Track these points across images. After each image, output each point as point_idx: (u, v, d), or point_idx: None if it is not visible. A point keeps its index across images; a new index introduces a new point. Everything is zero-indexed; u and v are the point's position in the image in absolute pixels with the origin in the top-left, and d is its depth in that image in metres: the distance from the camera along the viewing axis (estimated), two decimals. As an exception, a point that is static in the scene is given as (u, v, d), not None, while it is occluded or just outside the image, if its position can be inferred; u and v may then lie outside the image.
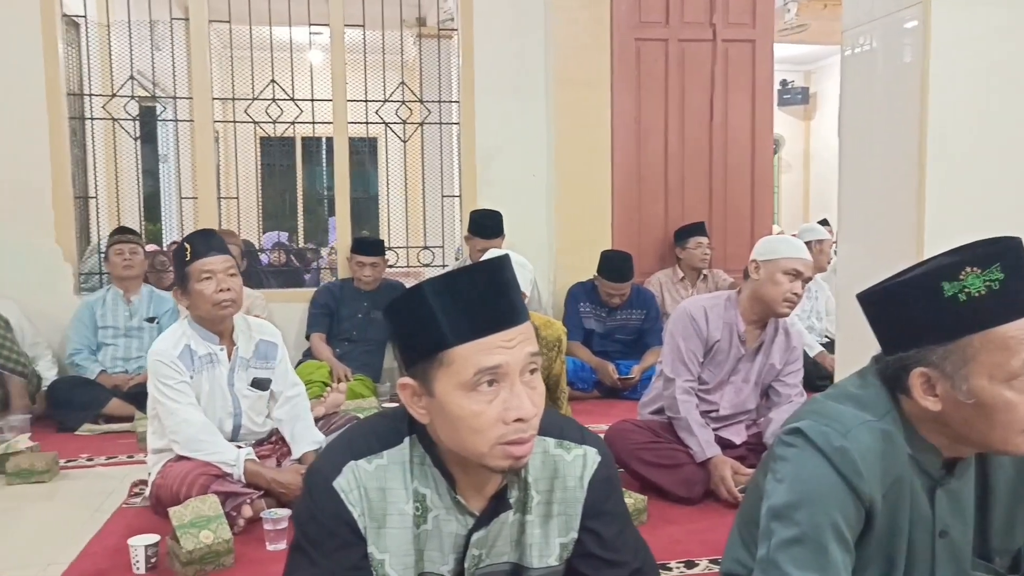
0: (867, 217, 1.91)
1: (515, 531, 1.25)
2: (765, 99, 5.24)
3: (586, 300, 4.60)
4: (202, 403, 2.68)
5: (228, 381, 2.74)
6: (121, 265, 4.19)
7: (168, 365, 2.62)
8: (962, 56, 1.72)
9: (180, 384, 2.63)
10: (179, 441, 2.61)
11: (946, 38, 1.72)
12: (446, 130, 5.19)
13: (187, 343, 2.69)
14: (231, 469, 2.58)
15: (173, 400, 2.61)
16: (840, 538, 1.21)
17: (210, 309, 2.66)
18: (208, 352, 2.72)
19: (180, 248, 2.76)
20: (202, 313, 2.69)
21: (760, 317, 2.87)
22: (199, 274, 2.65)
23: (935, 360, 1.17)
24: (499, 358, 1.09)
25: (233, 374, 2.76)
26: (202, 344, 2.72)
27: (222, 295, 2.65)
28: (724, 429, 2.94)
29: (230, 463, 2.58)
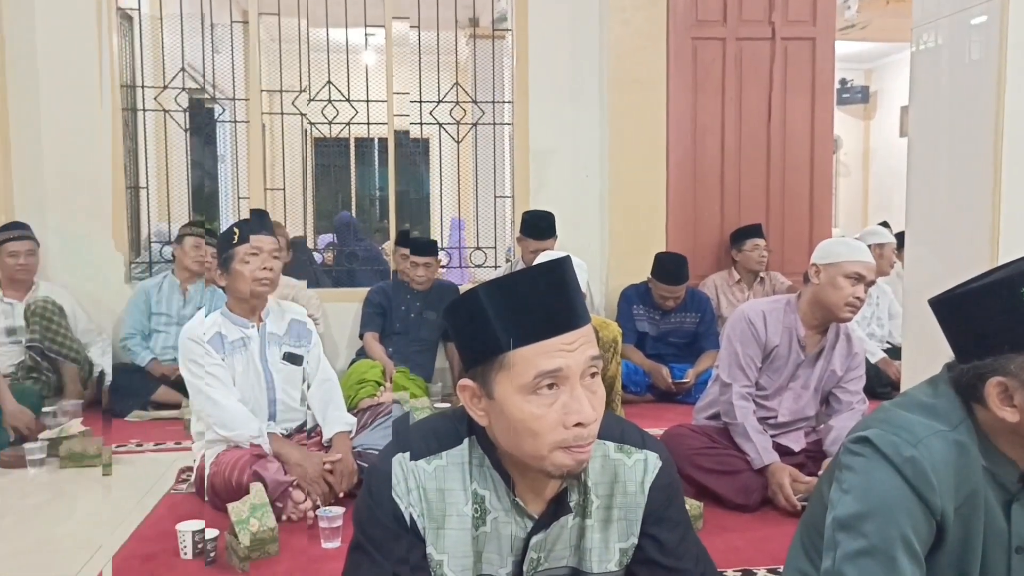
0: (936, 220, 1.85)
1: (574, 535, 1.24)
2: (825, 98, 5.12)
3: (639, 302, 4.55)
4: (237, 384, 2.76)
5: (261, 356, 2.82)
6: (195, 257, 4.29)
7: (196, 342, 2.72)
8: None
9: (212, 367, 2.71)
10: (206, 420, 2.70)
11: (1021, 37, 1.66)
12: (499, 131, 5.19)
13: (218, 330, 2.77)
14: (258, 440, 2.66)
15: (201, 378, 2.70)
16: (910, 551, 1.18)
17: (249, 285, 2.74)
18: (240, 336, 2.80)
19: (228, 232, 2.84)
20: (239, 293, 2.77)
21: (821, 322, 2.80)
22: (246, 253, 2.74)
23: (1013, 369, 1.13)
24: (560, 361, 1.08)
25: (266, 349, 2.83)
26: (233, 329, 2.80)
27: (264, 273, 2.74)
28: (782, 436, 2.88)
29: (255, 435, 2.66)
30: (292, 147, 5.28)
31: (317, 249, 6.10)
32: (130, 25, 4.93)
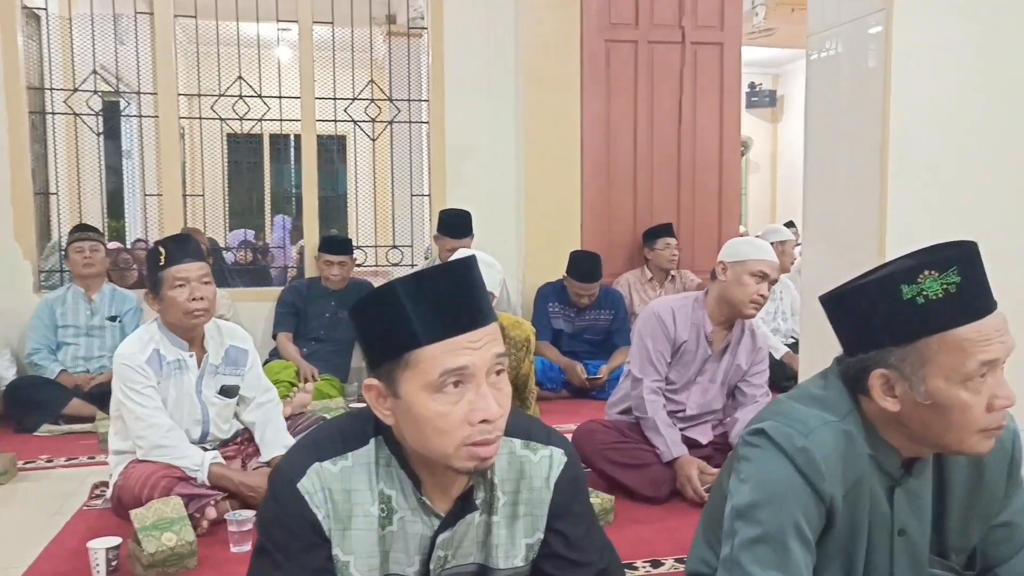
0: (831, 220, 1.94)
1: (481, 532, 1.25)
2: (733, 102, 5.29)
3: (555, 300, 4.61)
4: (168, 409, 2.64)
5: (196, 388, 2.70)
6: (81, 263, 4.12)
7: (135, 369, 2.58)
8: (924, 64, 1.75)
9: (147, 388, 2.58)
10: (143, 446, 2.57)
11: (908, 46, 1.75)
12: (416, 129, 5.17)
13: (156, 348, 2.65)
14: (195, 473, 2.54)
15: (139, 404, 2.57)
16: (802, 537, 1.23)
17: (182, 317, 2.62)
18: (177, 358, 2.68)
19: (155, 252, 2.70)
20: (173, 320, 2.65)
21: (727, 318, 2.89)
22: (172, 280, 2.60)
23: (894, 362, 1.19)
24: (465, 359, 1.09)
25: (201, 381, 2.71)
26: (171, 350, 2.67)
27: (195, 304, 2.61)
28: (691, 429, 2.97)
29: (195, 467, 2.55)
30: (211, 150, 5.13)
31: (229, 248, 5.94)
32: (37, 25, 4.69)
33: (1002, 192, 1.77)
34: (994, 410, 1.18)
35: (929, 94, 1.76)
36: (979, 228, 1.66)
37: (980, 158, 1.78)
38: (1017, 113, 1.78)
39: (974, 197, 1.76)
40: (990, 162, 1.77)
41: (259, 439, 2.80)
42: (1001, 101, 1.77)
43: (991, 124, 1.77)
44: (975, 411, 1.17)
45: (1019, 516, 1.35)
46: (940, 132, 1.78)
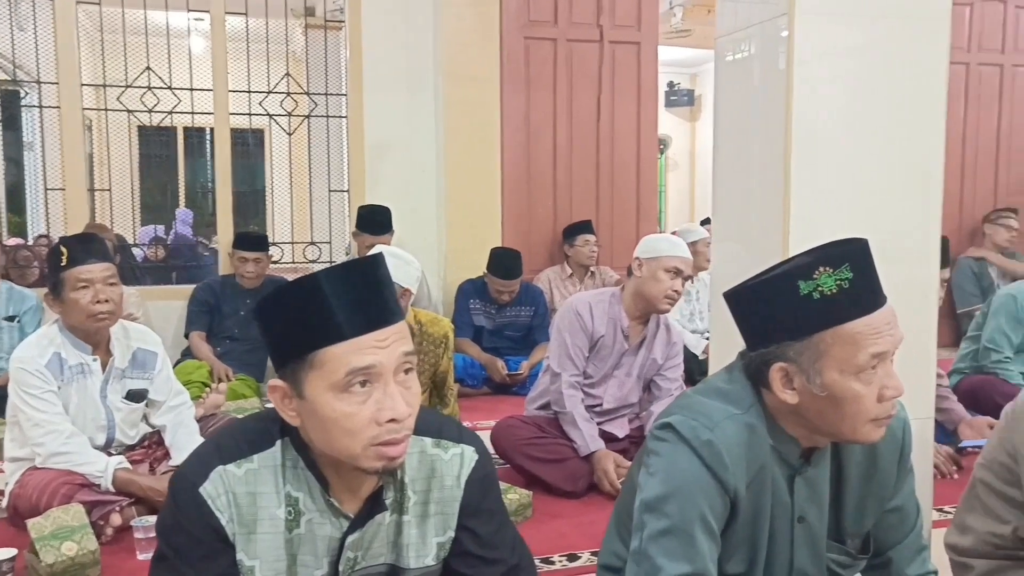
0: (739, 217, 1.99)
1: (391, 532, 1.24)
2: (649, 101, 5.38)
3: (476, 297, 4.61)
4: (70, 415, 2.52)
5: (101, 393, 2.59)
6: None
7: (32, 374, 2.46)
8: (823, 68, 1.81)
9: (46, 394, 2.46)
10: (41, 453, 2.45)
11: (809, 51, 1.81)
12: (334, 124, 5.09)
13: (56, 351, 2.52)
14: (99, 479, 2.45)
15: (37, 410, 2.45)
16: (707, 528, 1.26)
17: (85, 320, 2.50)
18: (80, 362, 2.56)
19: (55, 251, 2.56)
20: (75, 323, 2.53)
21: (643, 313, 2.95)
22: (75, 282, 2.48)
23: (792, 355, 1.23)
24: (372, 358, 1.08)
25: (107, 385, 2.61)
26: (73, 353, 2.55)
27: (99, 307, 2.49)
28: (608, 423, 3.01)
29: (98, 473, 2.45)
30: (120, 143, 4.94)
31: (138, 244, 5.74)
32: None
33: (895, 192, 1.85)
34: (884, 400, 1.23)
35: (828, 98, 1.82)
36: (873, 225, 1.74)
37: (876, 159, 1.86)
38: (910, 117, 1.86)
39: (870, 196, 1.83)
40: (885, 163, 1.85)
41: (170, 443, 2.71)
42: (895, 105, 1.85)
43: (886, 127, 1.85)
44: (867, 401, 1.22)
45: (909, 501, 1.42)
46: (839, 134, 1.84)
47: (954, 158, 5.62)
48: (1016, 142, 5.88)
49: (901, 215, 1.84)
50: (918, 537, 1.44)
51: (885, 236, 1.79)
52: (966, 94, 5.66)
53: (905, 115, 1.86)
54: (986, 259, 5.53)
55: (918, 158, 1.87)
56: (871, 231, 1.48)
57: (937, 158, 1.89)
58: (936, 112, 1.88)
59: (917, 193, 1.87)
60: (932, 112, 1.87)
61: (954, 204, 5.70)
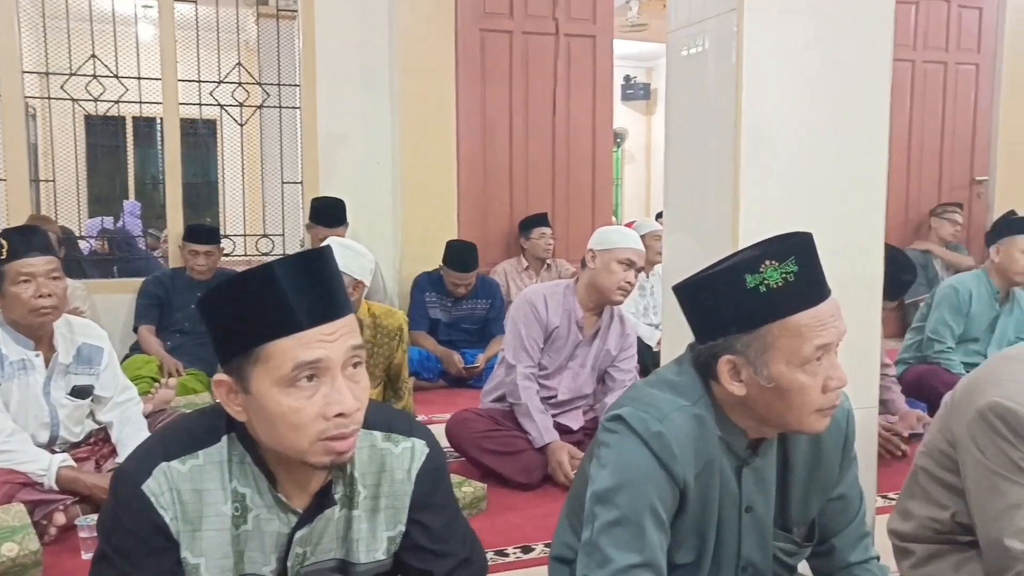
0: (690, 211, 2.01)
1: (341, 527, 1.23)
2: (605, 94, 5.40)
3: (432, 290, 4.59)
4: (11, 412, 2.46)
5: (44, 389, 2.53)
6: None
7: None
8: (773, 64, 1.83)
9: None
10: None
11: (758, 46, 1.83)
12: (288, 115, 5.01)
13: None
14: (41, 478, 2.38)
15: None
16: (657, 519, 1.27)
17: (27, 315, 2.43)
18: (22, 358, 2.49)
19: None
20: (17, 318, 2.46)
21: (596, 305, 2.97)
22: (16, 276, 2.41)
23: (740, 348, 1.25)
24: (319, 352, 1.07)
25: (50, 382, 2.54)
26: (15, 349, 2.48)
27: (42, 301, 2.42)
28: (563, 415, 3.03)
29: (40, 471, 2.39)
30: (65, 133, 4.80)
31: (85, 236, 5.59)
32: None
33: (841, 186, 1.89)
34: (829, 391, 1.25)
35: (777, 94, 1.85)
36: (820, 219, 1.77)
37: (822, 154, 1.89)
38: (855, 113, 1.90)
39: (816, 190, 1.87)
40: (831, 158, 1.89)
41: (116, 439, 2.65)
42: (841, 102, 1.88)
43: (832, 123, 1.88)
44: (812, 393, 1.24)
45: (852, 489, 1.45)
46: (787, 129, 1.87)
47: (900, 153, 5.75)
48: (959, 138, 6.03)
49: (847, 209, 1.88)
50: (861, 524, 1.47)
51: (831, 230, 1.83)
52: (912, 91, 5.79)
53: (851, 111, 1.90)
54: (931, 252, 5.68)
55: (863, 153, 1.91)
56: (818, 224, 1.51)
57: (881, 153, 1.93)
58: (880, 108, 1.92)
59: (862, 188, 1.91)
60: (876, 108, 1.91)
61: (900, 199, 5.83)
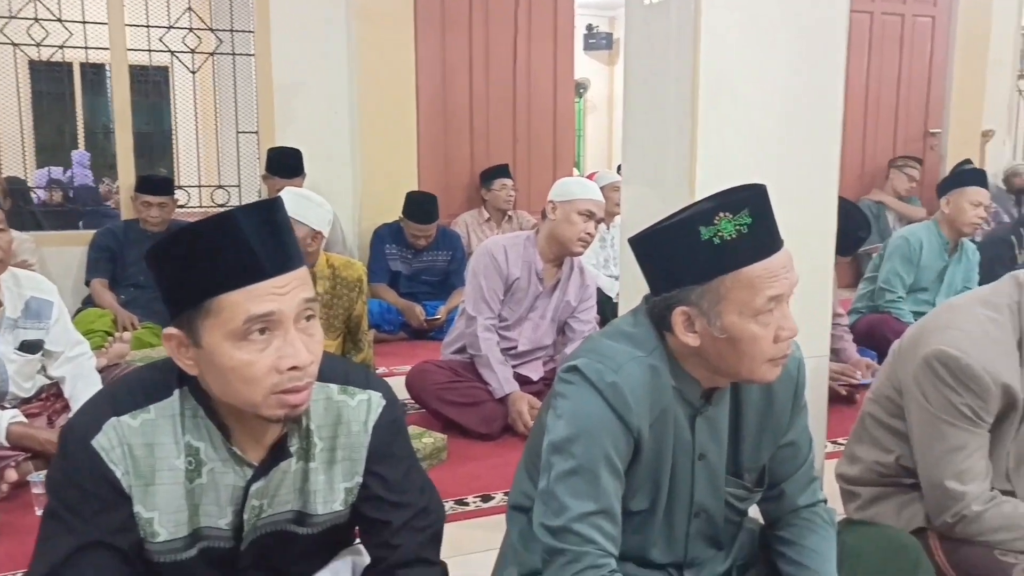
0: (648, 161, 2.01)
1: (298, 479, 1.23)
2: (566, 44, 5.34)
3: (392, 242, 4.56)
4: None
5: None
6: None
7: None
8: (731, 14, 1.82)
9: None
10: None
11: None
12: (242, 62, 4.87)
13: None
14: None
15: None
16: (612, 467, 1.29)
17: None
18: None
19: None
20: None
21: (556, 256, 2.97)
22: None
23: (694, 299, 1.26)
24: (271, 305, 1.06)
25: None
26: None
27: None
28: (523, 366, 3.05)
29: None
30: (6, 79, 4.61)
31: (33, 188, 5.44)
32: None
33: (796, 137, 1.90)
34: (780, 341, 1.27)
35: (735, 43, 1.84)
36: (775, 169, 1.78)
37: (778, 105, 1.89)
38: (811, 64, 1.90)
39: (772, 141, 1.87)
40: (786, 109, 1.89)
41: (69, 395, 2.61)
42: (797, 53, 1.88)
43: (788, 74, 1.88)
44: (764, 343, 1.26)
45: (802, 436, 1.49)
46: (744, 79, 1.86)
47: (858, 105, 5.80)
48: (915, 91, 6.10)
49: (802, 159, 1.89)
50: (809, 469, 1.51)
51: (787, 180, 1.84)
52: (870, 42, 5.82)
53: (806, 63, 1.90)
54: (885, 203, 5.77)
55: (819, 104, 1.91)
56: (773, 175, 1.52)
57: (837, 104, 1.94)
58: (836, 60, 1.92)
59: (817, 139, 1.92)
60: (832, 59, 1.92)
61: (857, 151, 5.90)
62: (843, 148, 2.00)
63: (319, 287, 2.76)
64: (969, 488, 1.57)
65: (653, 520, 1.40)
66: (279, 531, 1.24)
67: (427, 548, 1.30)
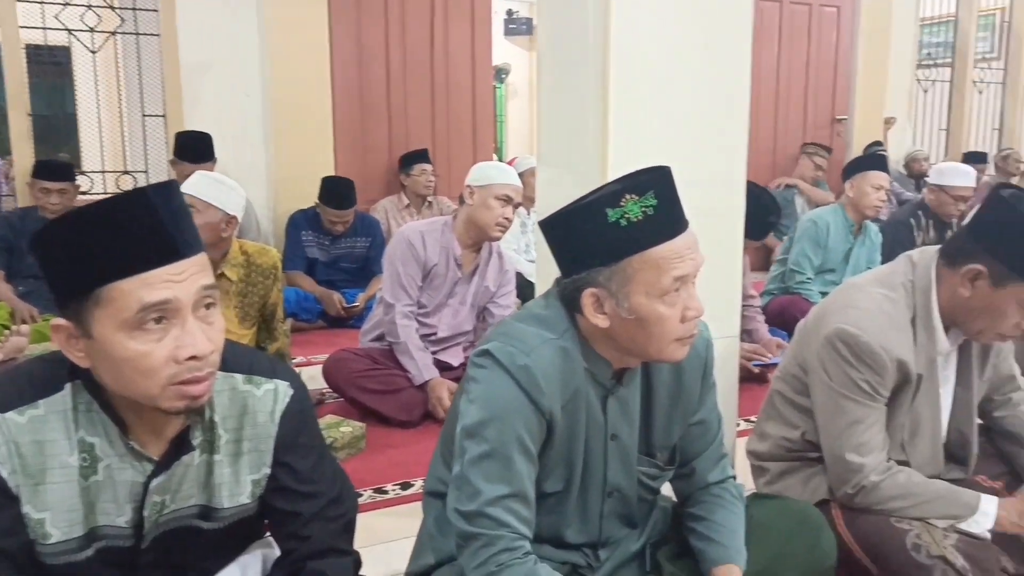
0: (562, 143, 2.01)
1: (202, 473, 1.19)
2: (484, 27, 5.31)
3: (308, 228, 4.46)
4: None
5: None
6: None
7: None
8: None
9: None
10: None
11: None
12: (147, 42, 4.67)
13: None
14: None
15: None
16: (524, 450, 1.30)
17: None
18: None
19: None
20: None
21: (475, 241, 2.96)
22: None
23: (602, 281, 1.27)
24: (166, 293, 1.02)
25: None
26: None
27: None
28: (443, 352, 3.03)
29: None
30: None
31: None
32: None
33: (705, 120, 1.93)
34: (687, 320, 1.30)
35: (646, 25, 1.85)
36: (684, 152, 1.81)
37: (687, 88, 1.92)
38: (719, 49, 1.93)
39: (682, 124, 1.90)
40: (695, 92, 1.92)
41: None
42: (707, 37, 1.91)
43: (698, 58, 1.91)
44: (671, 323, 1.28)
45: (711, 414, 1.52)
46: (654, 62, 1.88)
47: (768, 93, 5.96)
48: (823, 79, 6.30)
49: (710, 143, 1.93)
50: (719, 446, 1.55)
51: (697, 162, 1.87)
52: (780, 31, 5.98)
53: (715, 47, 1.93)
54: (795, 186, 5.95)
55: (726, 88, 1.95)
56: (682, 158, 1.54)
57: (743, 89, 1.97)
58: (742, 45, 1.96)
59: (725, 123, 1.96)
60: (739, 45, 1.95)
61: (768, 137, 6.07)
62: (754, 134, 2.05)
63: (232, 275, 2.67)
64: (867, 460, 1.63)
65: (567, 501, 1.41)
66: (183, 527, 1.20)
67: (339, 538, 1.28)
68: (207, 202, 2.50)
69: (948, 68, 7.32)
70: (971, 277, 1.59)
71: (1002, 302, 1.56)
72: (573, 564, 1.46)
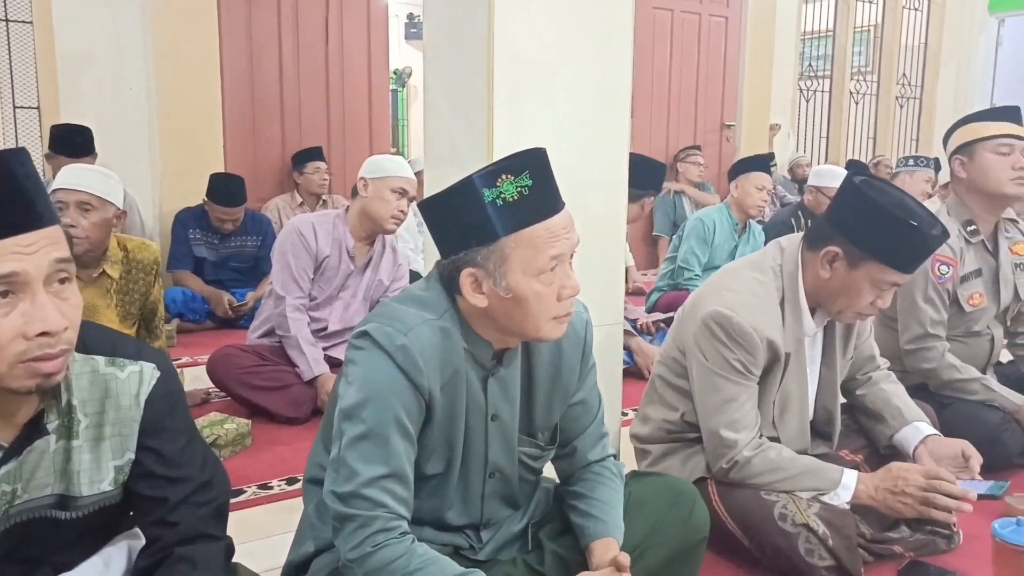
0: (448, 140, 2.02)
1: (59, 459, 1.14)
2: (380, 30, 5.28)
3: (196, 226, 4.31)
4: None
5: None
6: None
7: None
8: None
9: None
10: None
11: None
12: (19, 30, 4.42)
13: None
14: None
15: None
16: (402, 430, 1.29)
17: None
18: None
19: None
20: None
21: (369, 234, 2.93)
22: None
23: (480, 260, 1.28)
24: (14, 265, 0.97)
25: None
26: None
27: None
28: (333, 348, 2.98)
29: None
30: None
31: None
32: None
33: (587, 119, 1.98)
34: (563, 299, 1.32)
35: (529, 23, 1.88)
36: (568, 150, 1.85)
37: (570, 86, 1.96)
38: (601, 51, 1.98)
39: (565, 122, 1.94)
40: (578, 91, 1.96)
41: None
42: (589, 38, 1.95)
43: (581, 58, 1.95)
44: (548, 301, 1.30)
45: (591, 394, 1.55)
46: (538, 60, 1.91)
47: (661, 98, 6.13)
48: (712, 85, 6.53)
49: (592, 142, 1.97)
50: (600, 426, 1.58)
51: (579, 160, 1.91)
52: (671, 38, 6.17)
53: (597, 49, 1.98)
54: (682, 192, 6.13)
55: (608, 90, 2.00)
56: (566, 154, 1.57)
57: (624, 91, 2.03)
58: (623, 49, 2.01)
59: (607, 122, 2.00)
60: (620, 48, 2.00)
61: (661, 141, 6.24)
62: (649, 137, 2.11)
63: (113, 272, 2.56)
64: (740, 436, 1.70)
65: (448, 482, 1.41)
66: (38, 518, 1.14)
67: (209, 523, 1.24)
68: (102, 198, 2.37)
69: (828, 79, 7.72)
70: (829, 259, 1.68)
71: (857, 282, 1.66)
72: (455, 546, 1.46)
